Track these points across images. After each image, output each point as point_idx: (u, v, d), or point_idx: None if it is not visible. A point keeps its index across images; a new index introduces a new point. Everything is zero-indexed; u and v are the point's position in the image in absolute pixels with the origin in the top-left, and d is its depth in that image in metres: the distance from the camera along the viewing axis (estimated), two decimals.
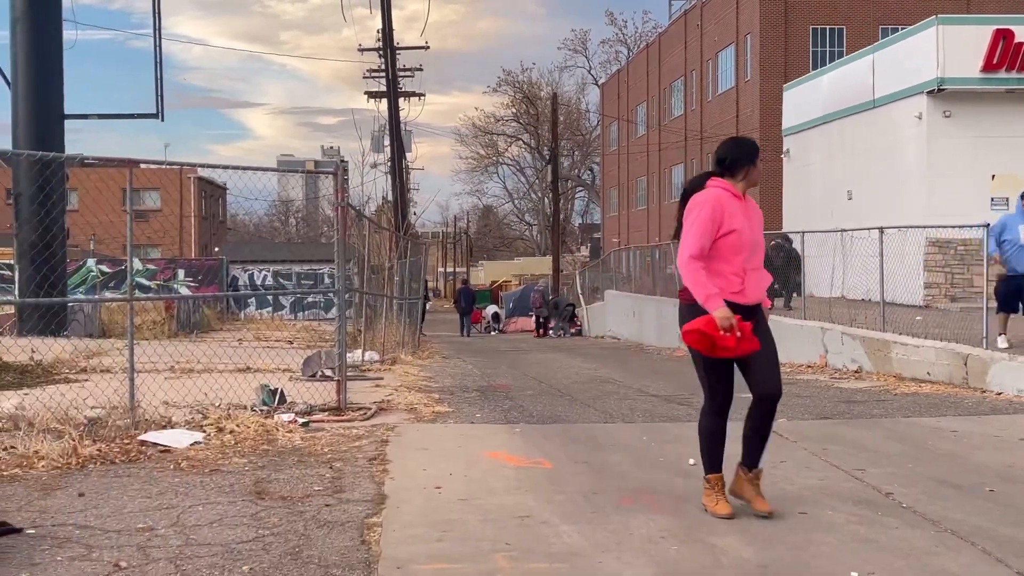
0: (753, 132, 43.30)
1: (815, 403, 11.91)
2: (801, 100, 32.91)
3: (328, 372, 12.95)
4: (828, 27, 43.14)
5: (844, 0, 42.83)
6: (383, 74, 41.07)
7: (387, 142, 41.85)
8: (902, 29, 29.71)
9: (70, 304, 22.06)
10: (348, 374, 11.33)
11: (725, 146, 6.14)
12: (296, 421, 9.39)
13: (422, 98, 46.67)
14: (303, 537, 5.54)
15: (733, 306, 5.80)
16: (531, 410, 11.32)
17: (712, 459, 6.09)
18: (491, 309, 46.75)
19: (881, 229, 16.92)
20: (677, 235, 6.08)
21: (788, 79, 37.85)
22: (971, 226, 15.47)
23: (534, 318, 37.89)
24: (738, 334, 5.71)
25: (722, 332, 5.69)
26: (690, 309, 5.94)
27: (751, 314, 5.91)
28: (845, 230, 19.84)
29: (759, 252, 6.01)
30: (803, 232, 20.79)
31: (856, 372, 15.66)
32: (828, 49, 42.65)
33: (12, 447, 7.68)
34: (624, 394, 13.17)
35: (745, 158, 6.03)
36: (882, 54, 27.77)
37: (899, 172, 25.90)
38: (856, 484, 7.06)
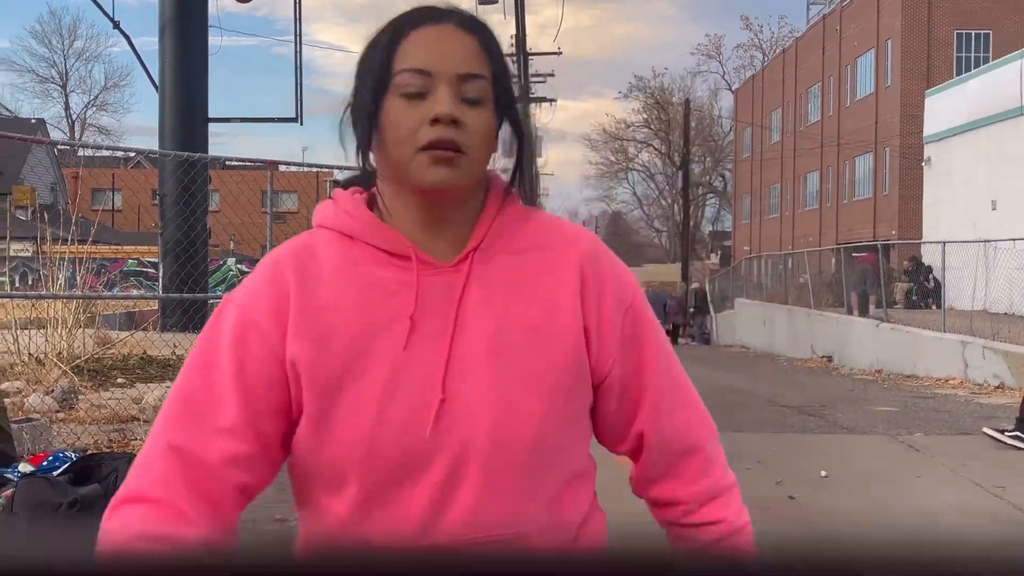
0: (893, 139, 42.27)
1: (954, 418, 11.54)
2: (944, 106, 31.94)
3: None
4: (974, 32, 41.79)
5: (990, 4, 41.44)
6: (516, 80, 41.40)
7: None
8: None
9: (211, 300, 22.75)
10: None
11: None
12: None
13: (554, 104, 46.83)
14: None
15: None
16: None
17: None
18: None
19: None
20: None
21: (930, 85, 36.77)
22: None
23: (669, 327, 37.09)
24: None
25: None
26: None
27: None
28: (988, 241, 19.18)
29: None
30: (943, 243, 20.20)
31: (998, 387, 15.10)
32: (973, 54, 41.31)
33: None
34: (753, 404, 12.97)
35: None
36: None
37: None
38: (996, 502, 6.82)
